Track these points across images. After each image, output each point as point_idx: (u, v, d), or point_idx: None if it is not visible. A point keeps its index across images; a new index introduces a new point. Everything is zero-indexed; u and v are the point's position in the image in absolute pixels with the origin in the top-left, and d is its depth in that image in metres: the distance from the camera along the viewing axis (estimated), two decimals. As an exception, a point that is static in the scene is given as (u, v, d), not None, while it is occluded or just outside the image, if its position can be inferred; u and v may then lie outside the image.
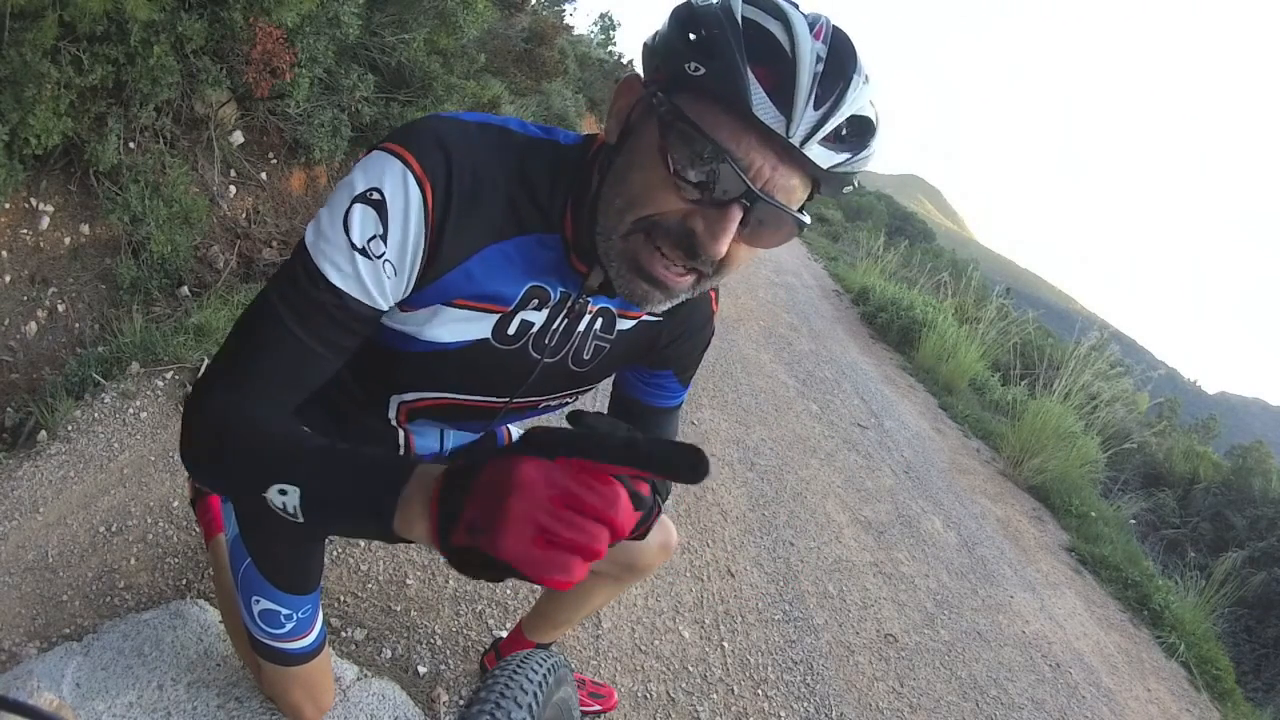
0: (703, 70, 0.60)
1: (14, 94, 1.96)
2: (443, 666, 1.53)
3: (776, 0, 0.62)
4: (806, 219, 0.66)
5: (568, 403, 0.94)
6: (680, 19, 0.63)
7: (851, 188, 0.67)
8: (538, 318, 0.78)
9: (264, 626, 1.01)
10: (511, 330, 0.78)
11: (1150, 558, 4.41)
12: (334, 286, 0.67)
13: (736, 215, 0.62)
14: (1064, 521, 4.14)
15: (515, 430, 1.20)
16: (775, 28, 0.60)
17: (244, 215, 3.09)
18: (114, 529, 1.58)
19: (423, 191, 0.66)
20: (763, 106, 0.58)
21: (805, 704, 1.88)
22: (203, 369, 0.73)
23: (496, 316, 0.76)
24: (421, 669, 1.50)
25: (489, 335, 0.77)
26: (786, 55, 0.59)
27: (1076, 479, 4.49)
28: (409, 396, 0.87)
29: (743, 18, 0.60)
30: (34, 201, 2.31)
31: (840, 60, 0.61)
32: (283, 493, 0.62)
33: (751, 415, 3.61)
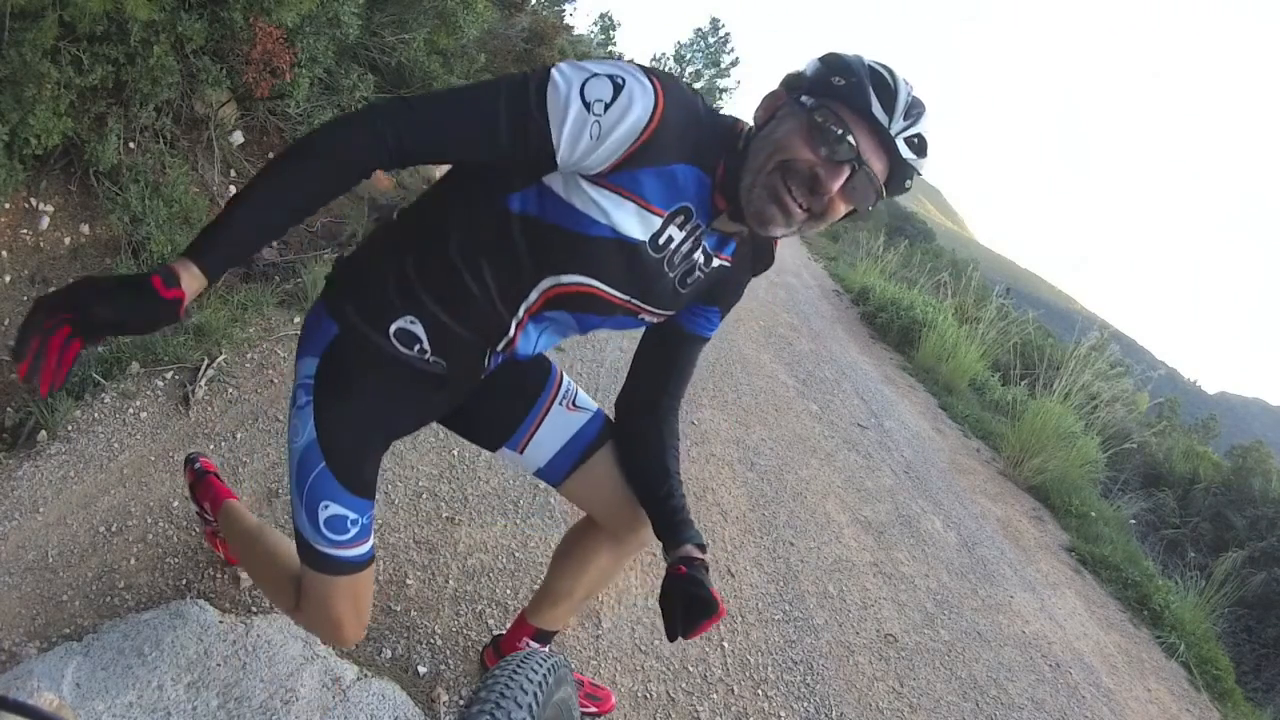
0: (843, 82, 0.91)
1: (14, 94, 1.97)
2: (443, 666, 1.53)
3: (885, 63, 0.96)
4: (884, 191, 0.95)
5: (647, 323, 1.12)
6: (829, 61, 0.95)
7: (909, 184, 0.96)
8: (677, 235, 1.00)
9: (328, 534, 1.04)
10: (661, 240, 0.99)
11: (1150, 558, 4.40)
12: (545, 94, 0.89)
13: (845, 171, 0.91)
14: (1064, 521, 4.14)
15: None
16: (885, 73, 0.92)
17: (244, 215, 3.09)
18: (114, 529, 1.58)
19: (654, 109, 0.90)
20: (877, 108, 0.90)
21: (805, 704, 1.88)
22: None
23: (658, 221, 0.97)
24: (421, 669, 1.50)
25: (646, 240, 0.98)
26: (891, 88, 0.91)
27: (1076, 479, 4.49)
28: (566, 279, 0.99)
29: (869, 65, 0.93)
30: (34, 201, 2.31)
31: (918, 98, 0.94)
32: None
33: (751, 415, 3.61)
